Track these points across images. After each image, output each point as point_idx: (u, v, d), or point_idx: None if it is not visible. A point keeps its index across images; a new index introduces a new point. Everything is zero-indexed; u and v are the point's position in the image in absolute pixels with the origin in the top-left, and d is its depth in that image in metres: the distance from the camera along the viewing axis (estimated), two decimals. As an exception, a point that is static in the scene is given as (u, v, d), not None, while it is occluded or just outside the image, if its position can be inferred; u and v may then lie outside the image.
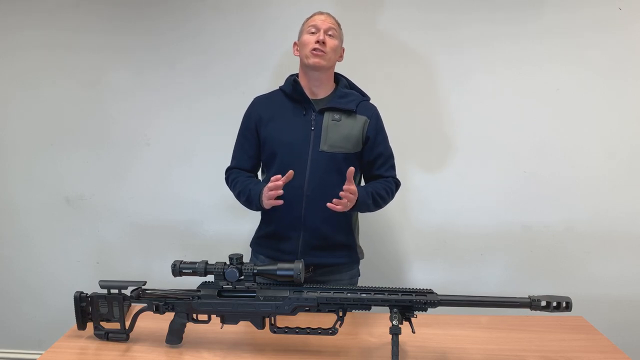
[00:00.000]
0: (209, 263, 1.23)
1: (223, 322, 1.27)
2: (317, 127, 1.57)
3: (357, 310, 1.21)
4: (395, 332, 1.13)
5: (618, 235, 2.09)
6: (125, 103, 2.20)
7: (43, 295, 2.38)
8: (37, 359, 1.44)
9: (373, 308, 1.20)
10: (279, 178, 1.41)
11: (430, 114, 2.09)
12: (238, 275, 1.21)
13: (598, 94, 2.01)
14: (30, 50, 2.19)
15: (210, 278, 1.26)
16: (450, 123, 2.09)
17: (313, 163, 1.56)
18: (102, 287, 1.31)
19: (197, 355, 1.26)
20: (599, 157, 2.05)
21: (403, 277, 2.22)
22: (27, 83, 2.21)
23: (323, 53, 1.53)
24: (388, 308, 1.18)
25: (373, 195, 1.55)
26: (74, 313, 1.32)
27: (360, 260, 1.74)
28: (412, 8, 2.03)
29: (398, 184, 1.68)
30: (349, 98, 1.62)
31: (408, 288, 1.19)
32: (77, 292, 1.32)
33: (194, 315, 1.29)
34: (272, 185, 1.42)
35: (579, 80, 2.01)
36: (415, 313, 1.18)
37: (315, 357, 1.25)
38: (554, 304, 1.11)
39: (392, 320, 1.14)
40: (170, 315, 1.29)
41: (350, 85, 1.70)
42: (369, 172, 1.66)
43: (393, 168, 1.68)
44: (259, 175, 1.74)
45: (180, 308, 1.27)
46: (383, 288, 1.20)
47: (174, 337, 1.30)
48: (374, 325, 1.41)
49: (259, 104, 1.67)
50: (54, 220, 2.31)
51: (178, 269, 1.23)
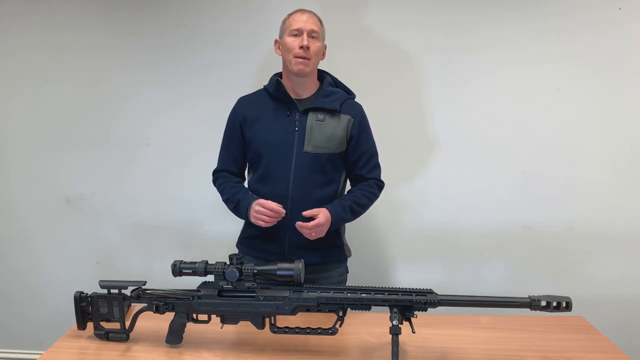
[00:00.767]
0: (209, 263, 1.23)
1: (223, 322, 1.27)
2: (301, 127, 1.56)
3: (357, 310, 1.21)
4: (395, 332, 1.13)
5: (618, 236, 2.09)
6: (125, 103, 2.20)
7: (43, 295, 2.38)
8: (37, 359, 1.44)
9: (373, 308, 1.20)
10: (273, 208, 1.45)
11: (430, 114, 2.09)
12: (238, 275, 1.21)
13: (598, 94, 2.01)
14: (31, 51, 2.19)
15: (210, 278, 1.26)
16: (450, 123, 2.09)
17: (297, 164, 1.55)
18: (102, 287, 1.31)
19: (197, 355, 1.26)
20: (599, 157, 2.05)
21: (401, 276, 2.22)
22: (27, 83, 2.21)
23: (307, 60, 1.52)
24: (388, 308, 1.18)
25: (352, 208, 1.56)
26: (74, 313, 1.32)
27: (349, 259, 1.74)
28: (412, 8, 2.02)
29: (381, 186, 1.67)
30: (333, 97, 1.60)
31: (408, 288, 1.19)
32: (77, 292, 1.32)
33: (194, 315, 1.29)
34: (262, 210, 1.46)
35: (579, 80, 2.01)
36: (415, 313, 1.18)
37: (315, 357, 1.25)
38: (554, 304, 1.11)
39: (392, 320, 1.14)
40: (170, 315, 1.29)
41: (336, 83, 1.68)
42: (352, 171, 1.65)
43: (376, 167, 1.67)
44: (246, 175, 1.73)
45: (180, 308, 1.27)
46: (383, 288, 1.20)
47: (174, 337, 1.30)
48: (374, 325, 1.41)
49: (244, 104, 1.66)
50: (54, 220, 2.31)
51: (178, 269, 1.23)
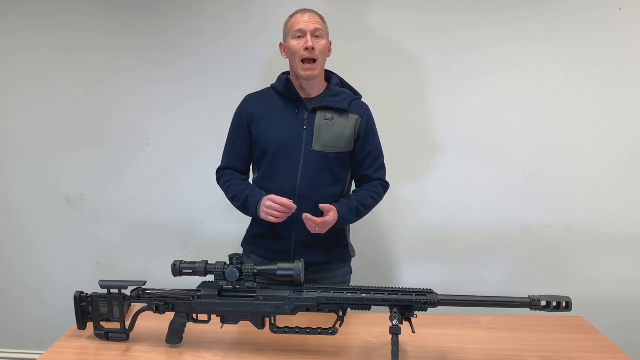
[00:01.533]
0: (209, 263, 1.23)
1: (223, 322, 1.27)
2: (309, 126, 1.56)
3: (357, 310, 1.21)
4: (395, 332, 1.13)
5: (618, 236, 2.09)
6: (126, 103, 2.20)
7: (43, 295, 2.38)
8: (37, 359, 1.44)
9: (373, 308, 1.20)
10: (284, 203, 1.44)
11: (430, 114, 2.09)
12: (238, 275, 1.21)
13: (598, 94, 2.01)
14: (31, 50, 2.18)
15: (210, 278, 1.26)
16: (450, 123, 2.09)
17: (305, 162, 1.55)
18: (102, 287, 1.31)
19: (197, 355, 1.26)
20: (599, 157, 2.05)
21: (402, 276, 2.22)
22: (27, 83, 2.21)
23: (314, 62, 1.52)
24: (388, 308, 1.18)
25: (357, 210, 1.55)
26: (74, 313, 1.32)
27: (352, 259, 1.74)
28: (413, 8, 2.02)
29: (386, 187, 1.67)
30: (341, 97, 1.61)
31: (408, 288, 1.19)
32: (77, 292, 1.33)
33: (194, 315, 1.29)
34: (273, 205, 1.45)
35: (579, 80, 2.01)
36: (415, 313, 1.18)
37: (315, 357, 1.25)
38: (554, 304, 1.11)
39: (392, 320, 1.14)
40: (170, 315, 1.29)
41: (342, 83, 1.68)
42: (358, 171, 1.65)
43: (382, 168, 1.67)
44: (250, 173, 1.72)
45: (180, 308, 1.27)
46: (383, 288, 1.20)
47: (174, 337, 1.30)
48: (374, 325, 1.41)
49: (251, 102, 1.65)
50: (54, 220, 2.31)
51: (178, 269, 1.23)
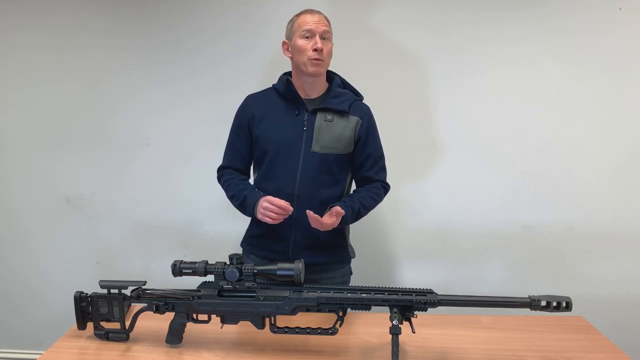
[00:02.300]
0: (209, 263, 1.23)
1: (223, 322, 1.27)
2: (309, 127, 1.56)
3: (357, 310, 1.21)
4: (395, 332, 1.13)
5: (618, 236, 2.09)
6: (126, 103, 2.20)
7: (43, 295, 2.38)
8: (37, 359, 1.44)
9: (373, 308, 1.20)
10: (281, 205, 1.44)
11: (430, 114, 2.09)
12: (238, 275, 1.21)
13: (598, 94, 2.01)
14: (31, 50, 2.18)
15: (210, 278, 1.26)
16: (450, 123, 2.09)
17: (305, 163, 1.55)
18: (102, 287, 1.31)
19: (197, 355, 1.26)
20: (599, 157, 2.05)
21: (402, 275, 2.22)
22: (27, 83, 2.21)
23: (322, 61, 1.52)
24: (388, 308, 1.18)
25: (358, 212, 1.55)
26: (74, 313, 1.32)
27: (352, 259, 1.73)
28: (412, 9, 2.02)
29: (387, 188, 1.67)
30: (342, 98, 1.60)
31: (408, 288, 1.19)
32: (77, 292, 1.33)
33: (194, 315, 1.29)
34: (269, 207, 1.45)
35: (579, 80, 2.01)
36: (415, 313, 1.18)
37: (315, 357, 1.25)
38: (554, 304, 1.11)
39: (392, 320, 1.14)
40: (170, 315, 1.29)
41: (344, 84, 1.68)
42: (359, 173, 1.65)
43: (383, 170, 1.66)
44: (251, 173, 1.72)
45: (180, 308, 1.27)
46: (383, 288, 1.20)
47: (174, 337, 1.30)
48: (374, 325, 1.41)
49: (252, 102, 1.65)
50: (54, 220, 2.31)
51: (178, 269, 1.23)
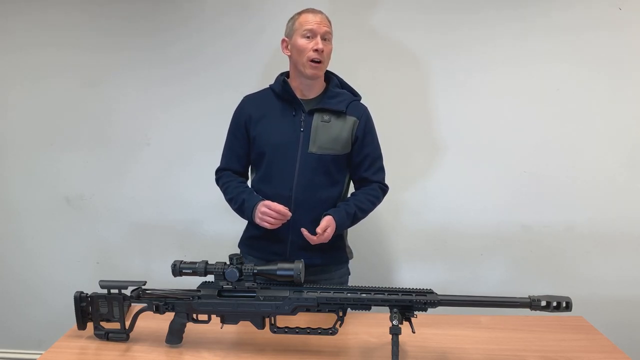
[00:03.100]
0: (209, 263, 1.23)
1: (223, 322, 1.28)
2: (306, 128, 1.55)
3: (357, 310, 1.21)
4: (395, 332, 1.13)
5: (618, 236, 2.09)
6: (126, 103, 2.20)
7: (43, 295, 2.38)
8: (37, 359, 1.44)
9: (373, 308, 1.20)
10: (280, 210, 1.45)
11: (430, 114, 2.09)
12: (238, 275, 1.21)
13: (598, 94, 2.01)
14: (31, 50, 2.18)
15: (210, 278, 1.26)
16: (450, 123, 2.09)
17: (302, 164, 1.55)
18: (102, 287, 1.31)
19: (197, 355, 1.26)
20: (599, 157, 2.05)
21: (402, 276, 2.22)
22: (27, 83, 2.21)
23: (321, 63, 1.52)
24: (388, 308, 1.18)
25: (355, 215, 1.55)
26: (74, 313, 1.32)
27: (350, 260, 1.73)
28: (412, 9, 2.02)
29: (385, 190, 1.66)
30: (340, 98, 1.60)
31: (408, 288, 1.19)
32: (77, 292, 1.33)
33: (194, 315, 1.29)
34: (267, 212, 1.45)
35: (579, 80, 2.01)
36: (415, 313, 1.18)
37: (315, 357, 1.25)
38: (554, 304, 1.11)
39: (392, 320, 1.14)
40: (170, 315, 1.29)
41: (342, 84, 1.67)
42: (356, 173, 1.64)
43: (381, 171, 1.66)
44: (249, 174, 1.72)
45: (180, 308, 1.27)
46: (383, 288, 1.20)
47: (174, 337, 1.30)
48: (374, 325, 1.41)
49: (249, 103, 1.65)
50: (54, 220, 2.31)
51: (178, 269, 1.23)
